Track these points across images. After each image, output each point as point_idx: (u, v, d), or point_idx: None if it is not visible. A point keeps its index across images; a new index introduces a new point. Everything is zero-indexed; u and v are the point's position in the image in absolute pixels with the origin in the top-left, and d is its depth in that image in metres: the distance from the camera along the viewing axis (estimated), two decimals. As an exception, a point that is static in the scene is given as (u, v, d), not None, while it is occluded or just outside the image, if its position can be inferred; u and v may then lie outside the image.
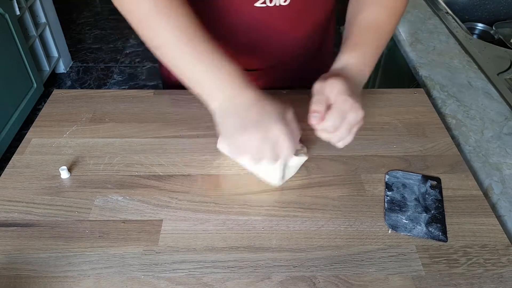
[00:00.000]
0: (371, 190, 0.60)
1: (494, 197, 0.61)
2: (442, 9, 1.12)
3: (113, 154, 0.66)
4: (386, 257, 0.52)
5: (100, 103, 0.76)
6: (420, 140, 0.69)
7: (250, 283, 0.49)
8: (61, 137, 0.69)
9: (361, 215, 0.57)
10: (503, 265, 0.51)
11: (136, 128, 0.71)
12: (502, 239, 0.54)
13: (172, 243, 0.53)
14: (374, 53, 0.61)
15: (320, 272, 0.50)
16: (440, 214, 0.57)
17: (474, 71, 0.89)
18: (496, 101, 0.80)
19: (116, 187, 0.60)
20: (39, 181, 0.61)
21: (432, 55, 0.94)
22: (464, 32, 1.02)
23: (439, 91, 0.82)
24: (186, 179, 0.62)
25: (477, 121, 0.75)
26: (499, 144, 0.70)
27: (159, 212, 0.57)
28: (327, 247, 0.53)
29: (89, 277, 0.49)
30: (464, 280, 0.49)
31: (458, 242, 0.54)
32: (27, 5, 2.02)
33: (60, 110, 0.75)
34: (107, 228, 0.55)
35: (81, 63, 2.56)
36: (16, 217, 0.56)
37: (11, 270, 0.50)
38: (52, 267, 0.50)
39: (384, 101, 0.78)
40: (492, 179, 0.64)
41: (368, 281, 0.49)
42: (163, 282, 0.49)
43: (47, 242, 0.53)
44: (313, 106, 0.53)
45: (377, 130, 0.71)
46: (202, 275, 0.50)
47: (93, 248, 0.52)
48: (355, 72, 0.58)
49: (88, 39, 2.81)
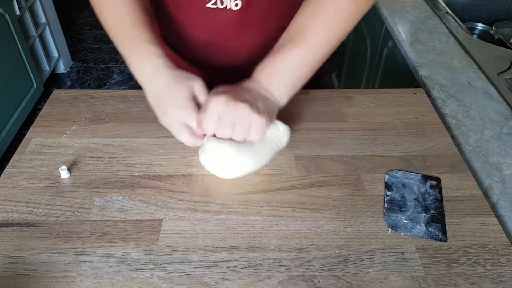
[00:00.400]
0: (371, 190, 0.60)
1: (494, 197, 0.61)
2: (442, 9, 1.12)
3: (113, 154, 0.66)
4: (386, 257, 0.52)
5: (100, 103, 0.76)
6: (420, 140, 0.69)
7: (250, 283, 0.49)
8: (61, 137, 0.69)
9: (361, 215, 0.57)
10: (502, 265, 0.51)
11: (136, 128, 0.71)
12: (502, 239, 0.54)
13: (172, 243, 0.53)
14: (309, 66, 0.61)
15: (320, 272, 0.50)
16: (439, 214, 0.57)
17: (474, 71, 0.89)
18: (496, 101, 0.80)
19: (116, 187, 0.60)
20: (39, 181, 0.61)
21: (432, 55, 0.94)
22: (464, 32, 1.02)
23: (439, 91, 0.82)
24: (186, 179, 0.62)
25: (477, 121, 0.75)
26: (499, 144, 0.70)
27: (159, 212, 0.57)
28: (327, 247, 0.53)
29: (89, 277, 0.49)
30: (464, 280, 0.49)
31: (458, 242, 0.54)
32: (27, 5, 2.02)
33: (60, 110, 0.75)
34: (107, 228, 0.55)
35: (81, 63, 2.56)
36: (16, 217, 0.56)
37: (11, 270, 0.50)
38: (52, 267, 0.50)
39: (384, 101, 0.78)
40: (492, 179, 0.64)
41: (368, 281, 0.49)
42: (163, 282, 0.49)
43: (47, 242, 0.53)
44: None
45: (377, 130, 0.71)
46: (202, 275, 0.50)
47: (93, 248, 0.53)
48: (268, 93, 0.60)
49: (88, 39, 2.80)
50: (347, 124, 0.72)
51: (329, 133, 0.70)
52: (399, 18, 1.10)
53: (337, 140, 0.69)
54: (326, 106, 0.76)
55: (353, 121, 0.73)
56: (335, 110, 0.75)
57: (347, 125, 0.72)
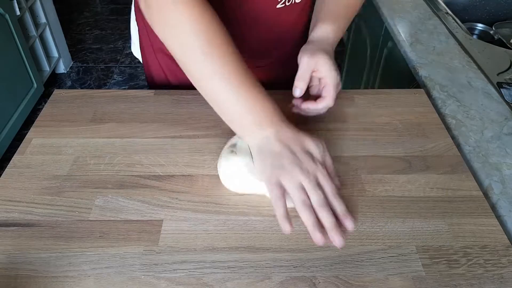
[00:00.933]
0: (371, 191, 0.60)
1: (494, 197, 0.61)
2: (442, 9, 1.12)
3: (113, 154, 0.66)
4: (386, 257, 0.52)
5: (100, 103, 0.76)
6: (420, 141, 0.69)
7: (250, 283, 0.49)
8: (62, 137, 0.69)
9: (361, 216, 0.57)
10: (503, 266, 0.51)
11: (136, 128, 0.71)
12: (502, 239, 0.54)
13: (172, 243, 0.53)
14: (345, 27, 0.70)
15: (320, 273, 0.50)
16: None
17: (474, 71, 0.89)
18: (496, 101, 0.80)
19: (116, 187, 0.60)
20: (40, 181, 0.61)
21: (432, 55, 0.94)
22: (464, 33, 1.02)
23: (439, 92, 0.82)
24: (186, 179, 0.62)
25: (477, 121, 0.75)
26: (499, 144, 0.70)
27: (159, 212, 0.57)
28: (327, 247, 0.53)
29: (89, 277, 0.49)
30: (464, 281, 0.49)
31: (458, 242, 0.54)
32: (27, 5, 2.02)
33: (61, 110, 0.75)
34: (107, 228, 0.55)
35: (81, 63, 2.56)
36: (17, 217, 0.56)
37: (11, 270, 0.50)
38: (52, 267, 0.51)
39: (384, 101, 0.78)
40: (492, 179, 0.64)
41: (368, 281, 0.49)
42: (163, 282, 0.49)
43: (47, 242, 0.53)
44: (298, 82, 0.64)
45: (377, 131, 0.71)
46: (202, 275, 0.50)
47: (94, 248, 0.53)
48: (333, 44, 0.67)
49: (88, 39, 2.81)
50: (347, 125, 0.72)
51: (329, 134, 0.70)
52: (399, 18, 1.10)
53: (337, 140, 0.69)
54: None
55: (353, 121, 0.73)
56: (335, 110, 0.75)
57: (347, 125, 0.72)
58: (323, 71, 0.63)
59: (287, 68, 0.71)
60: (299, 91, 0.64)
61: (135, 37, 0.90)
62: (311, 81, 0.65)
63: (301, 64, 0.64)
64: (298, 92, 0.64)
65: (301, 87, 0.64)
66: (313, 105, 0.65)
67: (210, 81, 0.54)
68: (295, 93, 0.64)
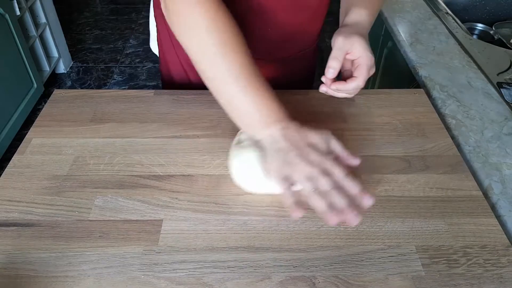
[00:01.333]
0: (371, 191, 0.60)
1: (494, 197, 0.61)
2: (442, 9, 1.12)
3: (113, 154, 0.66)
4: (385, 257, 0.52)
5: (100, 103, 0.76)
6: (420, 140, 0.69)
7: (250, 283, 0.49)
8: (62, 137, 0.69)
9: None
10: (503, 266, 0.51)
11: (136, 128, 0.71)
12: (502, 239, 0.54)
13: (172, 243, 0.53)
14: (376, 13, 0.70)
15: (320, 272, 0.50)
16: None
17: (474, 71, 0.89)
18: (496, 101, 0.80)
19: (116, 187, 0.60)
20: (40, 181, 0.61)
21: (432, 55, 0.94)
22: (464, 33, 1.02)
23: (439, 92, 0.82)
24: (186, 179, 0.62)
25: (477, 121, 0.75)
26: (499, 144, 0.70)
27: (159, 212, 0.57)
28: (327, 247, 0.53)
29: (89, 277, 0.49)
30: (464, 281, 0.49)
31: (458, 242, 0.54)
32: (27, 5, 2.02)
33: (61, 110, 0.75)
34: (107, 228, 0.55)
35: (81, 63, 2.56)
36: (17, 217, 0.56)
37: (11, 270, 0.50)
38: (52, 267, 0.51)
39: (384, 101, 0.78)
40: (492, 179, 0.64)
41: (367, 281, 0.49)
42: (163, 282, 0.49)
43: (47, 242, 0.53)
44: (332, 61, 0.62)
45: (377, 130, 0.71)
46: (202, 275, 0.50)
47: (93, 248, 0.53)
48: (367, 28, 0.66)
49: (88, 39, 2.80)
50: (347, 125, 0.72)
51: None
52: (399, 18, 1.10)
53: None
54: (326, 107, 0.76)
55: (353, 121, 0.73)
56: (335, 110, 0.75)
57: (347, 125, 0.72)
58: (358, 52, 0.61)
59: (302, 63, 0.71)
60: (332, 72, 0.61)
61: (153, 33, 0.90)
62: (343, 66, 0.64)
63: (336, 44, 0.62)
64: (331, 72, 0.61)
65: (335, 67, 0.61)
66: (343, 86, 0.63)
67: (221, 80, 0.56)
68: (327, 73, 0.62)
